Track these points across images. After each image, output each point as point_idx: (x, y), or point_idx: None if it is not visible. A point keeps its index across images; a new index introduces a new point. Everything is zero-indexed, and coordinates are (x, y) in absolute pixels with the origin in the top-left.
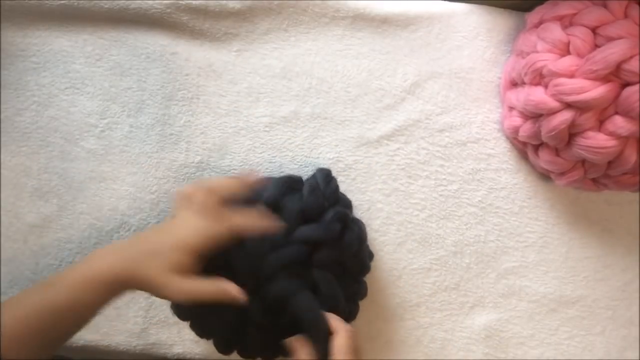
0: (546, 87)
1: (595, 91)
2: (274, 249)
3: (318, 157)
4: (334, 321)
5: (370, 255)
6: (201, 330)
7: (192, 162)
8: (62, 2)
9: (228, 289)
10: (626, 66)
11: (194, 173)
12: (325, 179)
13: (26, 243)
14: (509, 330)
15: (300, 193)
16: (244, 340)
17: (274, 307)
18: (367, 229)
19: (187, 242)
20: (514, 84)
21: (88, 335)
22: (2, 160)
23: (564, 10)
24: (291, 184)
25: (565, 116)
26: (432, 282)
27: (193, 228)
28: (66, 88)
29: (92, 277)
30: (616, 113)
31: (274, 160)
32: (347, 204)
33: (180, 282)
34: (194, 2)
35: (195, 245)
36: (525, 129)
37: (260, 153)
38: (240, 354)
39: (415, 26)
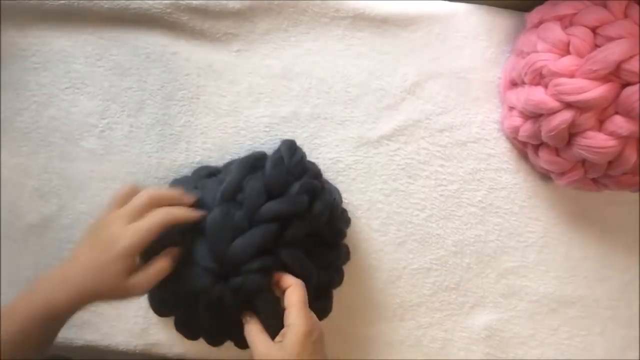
0: (546, 87)
1: (595, 91)
2: (238, 233)
3: (318, 157)
4: (286, 278)
5: (347, 221)
6: (187, 329)
7: (192, 162)
8: (62, 2)
9: (165, 261)
10: (626, 66)
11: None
12: (289, 150)
13: (26, 243)
14: (509, 330)
15: (263, 170)
16: (229, 329)
17: (245, 298)
18: (367, 229)
19: (125, 247)
20: (514, 84)
21: (88, 335)
22: (2, 160)
23: (564, 10)
24: (254, 162)
25: (565, 116)
26: (432, 282)
27: (124, 232)
28: (66, 88)
29: (50, 310)
30: (616, 113)
31: None
32: (316, 173)
33: (134, 281)
34: (194, 2)
35: (132, 247)
36: (525, 129)
37: None
38: (235, 344)
39: (415, 26)
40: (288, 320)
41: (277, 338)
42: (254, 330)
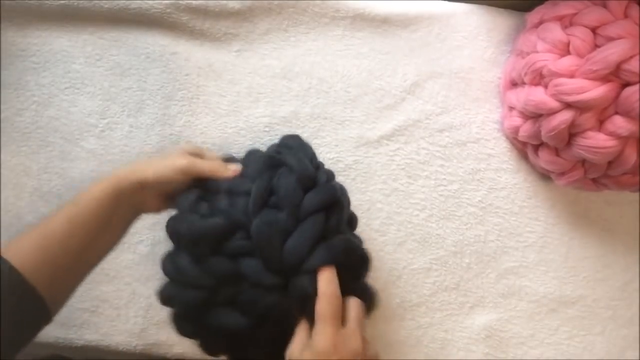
0: (546, 87)
1: (595, 91)
2: (286, 235)
3: (318, 157)
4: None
5: (355, 219)
6: (212, 347)
7: None
8: (62, 2)
9: (223, 167)
10: (626, 66)
11: None
12: (301, 143)
13: None
14: (509, 330)
15: (285, 167)
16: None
17: (310, 299)
18: (367, 229)
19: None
20: (514, 84)
21: (88, 335)
22: (2, 160)
23: (564, 10)
24: (271, 162)
25: (565, 116)
26: (432, 282)
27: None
28: (66, 88)
29: (109, 178)
30: (616, 113)
31: None
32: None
33: (189, 158)
34: (194, 2)
35: (183, 150)
36: (525, 129)
37: None
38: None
39: (415, 26)
40: (312, 333)
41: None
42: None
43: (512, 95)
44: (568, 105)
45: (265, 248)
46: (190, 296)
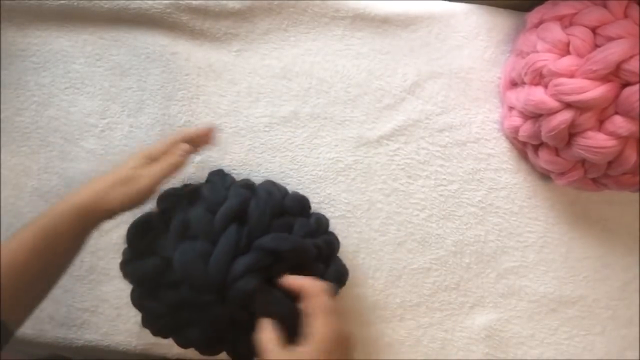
0: (546, 87)
1: (595, 91)
2: (208, 257)
3: (318, 157)
4: (298, 280)
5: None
6: (184, 339)
7: (192, 162)
8: (62, 2)
9: (175, 157)
10: (626, 66)
11: (194, 173)
12: (221, 176)
13: None
14: (509, 330)
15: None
16: (228, 341)
17: (244, 304)
18: (367, 229)
19: (137, 152)
20: (514, 84)
21: (88, 335)
22: (2, 160)
23: (564, 10)
24: (188, 196)
25: (565, 116)
26: (432, 282)
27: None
28: (66, 88)
29: (75, 203)
30: (616, 113)
31: (273, 161)
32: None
33: (148, 170)
34: (194, 2)
35: (142, 150)
36: (525, 129)
37: (260, 153)
38: (231, 355)
39: (415, 26)
40: (309, 328)
41: (298, 343)
42: (264, 338)
43: (512, 95)
44: (568, 105)
45: (190, 276)
46: (154, 321)
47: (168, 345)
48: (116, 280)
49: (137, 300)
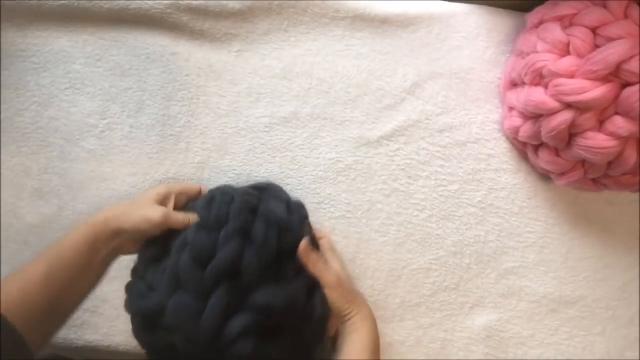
0: (546, 87)
1: (595, 91)
2: (199, 314)
3: (318, 157)
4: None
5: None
6: None
7: (192, 162)
8: (62, 2)
9: (187, 218)
10: (626, 66)
11: (194, 173)
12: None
13: (26, 243)
14: (509, 330)
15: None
16: None
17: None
18: (367, 229)
19: (154, 188)
20: (514, 84)
21: (88, 335)
22: (2, 160)
23: (564, 10)
24: (179, 243)
25: (565, 116)
26: (432, 282)
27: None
28: (66, 88)
29: (86, 225)
30: (616, 113)
31: (273, 161)
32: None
33: (162, 209)
34: (194, 2)
35: (159, 188)
36: (525, 129)
37: (260, 153)
38: None
39: (415, 26)
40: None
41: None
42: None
43: (512, 95)
44: (568, 106)
45: (183, 330)
46: (150, 351)
47: None
48: (116, 281)
49: (135, 332)
